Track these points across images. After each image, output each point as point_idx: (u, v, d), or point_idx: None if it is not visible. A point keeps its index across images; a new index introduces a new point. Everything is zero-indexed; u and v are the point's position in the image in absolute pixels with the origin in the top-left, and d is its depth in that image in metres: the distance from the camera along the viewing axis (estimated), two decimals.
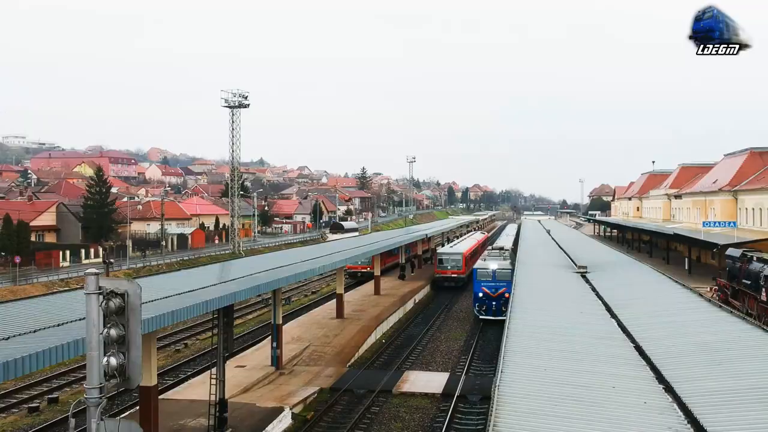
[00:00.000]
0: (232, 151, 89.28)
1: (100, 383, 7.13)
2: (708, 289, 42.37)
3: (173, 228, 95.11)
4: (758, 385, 13.06)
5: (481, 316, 41.96)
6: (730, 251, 42.69)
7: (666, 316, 21.24)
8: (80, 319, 16.86)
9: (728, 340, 16.98)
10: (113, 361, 7.22)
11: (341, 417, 24.55)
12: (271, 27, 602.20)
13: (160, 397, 22.30)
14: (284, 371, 29.43)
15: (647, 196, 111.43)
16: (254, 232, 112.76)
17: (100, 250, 73.37)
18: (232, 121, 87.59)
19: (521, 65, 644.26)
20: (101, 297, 7.11)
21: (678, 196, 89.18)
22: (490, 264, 43.15)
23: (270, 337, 31.36)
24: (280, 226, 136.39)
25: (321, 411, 24.86)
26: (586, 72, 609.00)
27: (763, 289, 34.40)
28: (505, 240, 72.42)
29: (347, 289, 45.00)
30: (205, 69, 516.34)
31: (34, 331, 15.34)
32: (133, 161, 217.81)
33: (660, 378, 14.41)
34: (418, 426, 23.68)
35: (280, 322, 30.15)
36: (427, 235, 72.46)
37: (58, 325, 16.11)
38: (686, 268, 58.67)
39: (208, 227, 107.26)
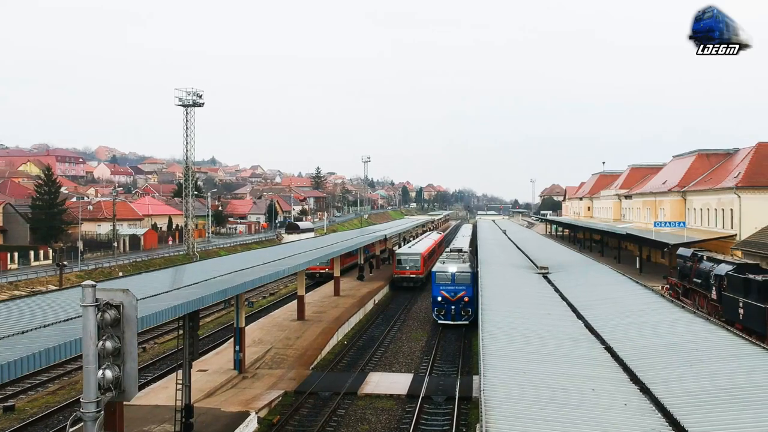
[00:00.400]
0: (186, 150, 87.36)
1: (97, 397, 6.91)
2: (660, 288, 43.54)
3: (125, 229, 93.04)
4: (730, 385, 13.46)
5: (440, 321, 40.82)
6: (681, 251, 44.03)
7: (632, 317, 21.72)
8: (44, 326, 16.37)
9: (696, 341, 17.46)
10: (108, 373, 7.00)
11: (307, 420, 24.41)
12: (224, 24, 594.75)
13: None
14: (247, 375, 29.11)
15: (598, 196, 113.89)
16: (208, 233, 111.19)
17: (50, 251, 71.35)
18: (186, 120, 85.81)
19: (506, 65, 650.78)
20: (97, 309, 6.88)
21: (628, 197, 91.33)
22: (449, 267, 41.70)
23: (231, 340, 30.94)
24: (234, 226, 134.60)
25: (287, 415, 24.66)
26: (562, 72, 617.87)
27: (713, 288, 35.56)
28: (462, 241, 72.36)
29: (306, 290, 44.67)
30: (154, 66, 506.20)
31: None
32: (81, 160, 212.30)
33: (635, 379, 14.71)
34: (384, 427, 23.69)
35: (243, 325, 29.77)
36: (386, 235, 72.57)
37: (23, 333, 15.61)
38: (637, 266, 60.23)
39: (161, 228, 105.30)
